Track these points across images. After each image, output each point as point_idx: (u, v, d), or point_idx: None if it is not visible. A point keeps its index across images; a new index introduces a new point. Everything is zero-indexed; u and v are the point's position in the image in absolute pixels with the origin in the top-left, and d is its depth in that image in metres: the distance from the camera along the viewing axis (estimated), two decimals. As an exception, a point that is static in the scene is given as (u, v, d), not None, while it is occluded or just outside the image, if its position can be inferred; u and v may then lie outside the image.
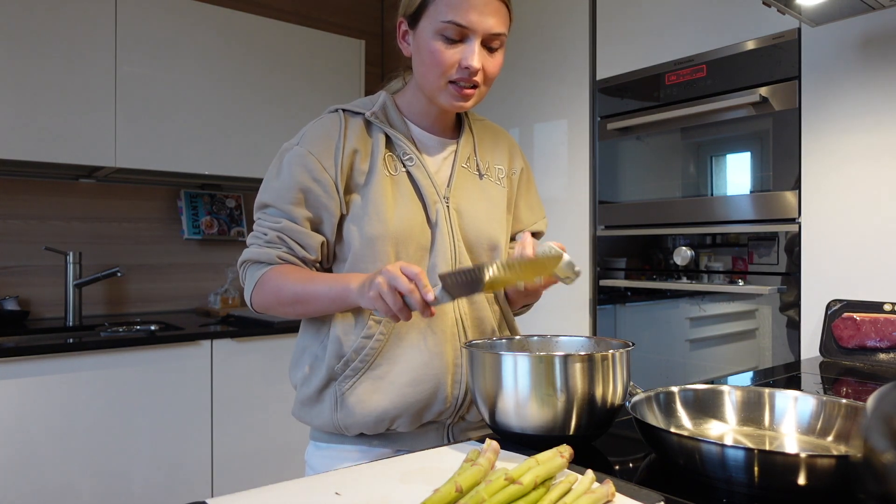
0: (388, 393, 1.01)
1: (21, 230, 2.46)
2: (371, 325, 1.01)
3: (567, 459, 0.69)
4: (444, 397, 1.03)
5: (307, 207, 1.03)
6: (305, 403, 1.08)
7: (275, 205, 1.03)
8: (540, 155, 2.41)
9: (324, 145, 1.02)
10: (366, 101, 1.09)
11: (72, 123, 2.22)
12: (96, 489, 2.00)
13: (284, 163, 1.04)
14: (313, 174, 1.01)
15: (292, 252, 1.03)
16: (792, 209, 1.69)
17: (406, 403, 1.01)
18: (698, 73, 1.90)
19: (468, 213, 1.08)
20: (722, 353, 1.86)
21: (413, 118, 1.09)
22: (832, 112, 1.61)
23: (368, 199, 1.02)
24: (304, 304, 1.00)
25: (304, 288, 1.00)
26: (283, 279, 1.01)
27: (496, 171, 1.16)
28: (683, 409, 0.88)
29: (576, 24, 2.27)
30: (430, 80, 1.00)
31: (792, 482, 0.63)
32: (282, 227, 1.03)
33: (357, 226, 1.02)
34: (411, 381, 1.01)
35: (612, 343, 0.93)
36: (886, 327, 1.45)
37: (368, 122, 1.07)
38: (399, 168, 1.05)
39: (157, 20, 2.39)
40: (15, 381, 1.89)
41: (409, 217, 1.03)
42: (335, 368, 1.03)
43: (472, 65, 0.96)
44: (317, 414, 1.05)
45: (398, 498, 0.66)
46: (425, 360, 1.02)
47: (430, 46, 0.98)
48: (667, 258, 1.99)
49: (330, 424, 1.04)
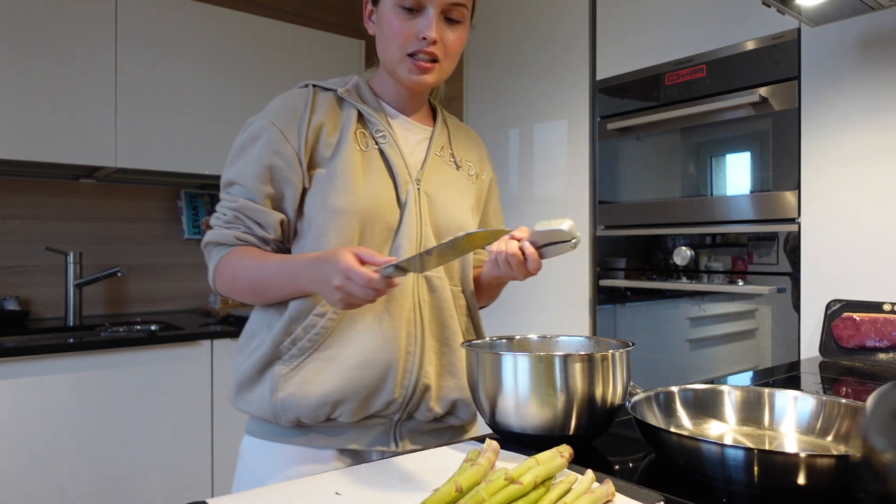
0: (333, 375, 0.96)
1: (21, 230, 2.47)
2: (325, 303, 0.96)
3: (567, 459, 0.69)
4: (392, 386, 0.98)
5: (271, 183, 0.99)
6: (243, 386, 1.01)
7: (238, 181, 1.00)
8: (540, 155, 2.41)
9: (288, 116, 0.99)
10: (337, 80, 1.07)
11: (72, 123, 2.22)
12: (96, 489, 2.00)
13: (247, 136, 1.01)
14: (275, 146, 0.98)
15: (250, 231, 1.00)
16: (792, 209, 1.69)
17: (352, 388, 0.96)
18: (698, 73, 1.90)
19: (439, 199, 1.05)
20: (722, 353, 1.86)
21: (385, 99, 1.07)
22: (832, 112, 1.61)
23: (335, 170, 0.98)
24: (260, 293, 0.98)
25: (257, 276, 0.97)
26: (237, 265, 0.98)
27: (468, 166, 1.14)
28: (683, 409, 0.88)
29: (576, 24, 2.27)
30: (390, 53, 0.99)
31: (792, 482, 0.63)
32: (239, 206, 0.99)
33: (321, 199, 0.98)
34: (360, 364, 0.96)
35: (611, 343, 0.93)
36: (886, 327, 1.45)
37: (340, 99, 1.03)
38: (371, 144, 1.02)
39: (157, 20, 2.39)
40: (15, 381, 1.89)
41: (377, 194, 0.99)
42: (281, 346, 0.98)
43: (428, 35, 0.95)
44: (253, 398, 1.00)
45: (398, 498, 0.66)
46: (378, 344, 0.97)
47: (388, 20, 0.97)
48: (667, 258, 1.99)
49: (266, 409, 0.97)
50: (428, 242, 1.02)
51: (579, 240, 0.93)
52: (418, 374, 1.00)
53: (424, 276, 1.02)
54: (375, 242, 0.99)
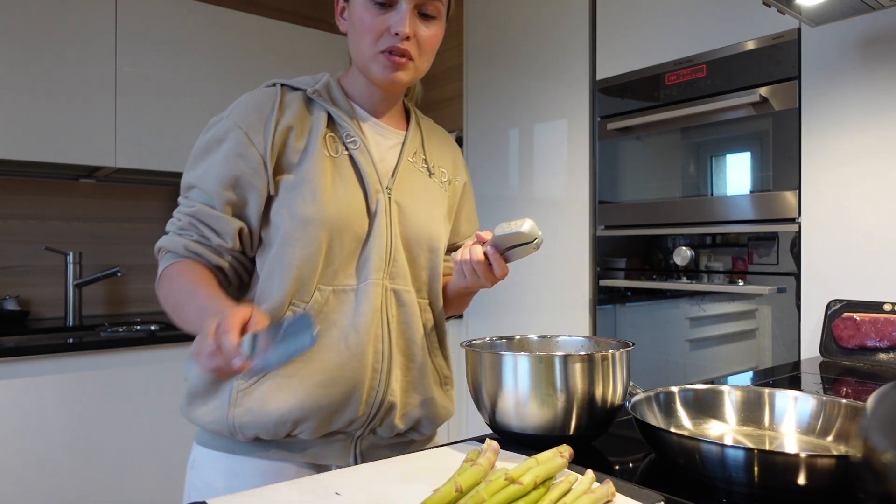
0: (295, 392, 0.90)
1: (21, 230, 2.46)
2: (289, 316, 0.91)
3: (567, 459, 0.69)
4: (357, 405, 0.93)
5: (233, 189, 0.92)
6: (196, 397, 0.95)
7: (198, 185, 0.94)
8: (540, 155, 2.41)
9: (254, 118, 0.93)
10: (306, 78, 1.01)
11: (72, 123, 2.22)
12: (96, 489, 2.00)
13: (211, 138, 0.95)
14: (240, 150, 0.92)
15: (205, 240, 0.93)
16: (792, 209, 1.69)
17: (315, 406, 0.91)
18: (698, 73, 1.90)
19: (410, 209, 1.00)
20: (722, 353, 1.86)
21: (357, 100, 1.01)
22: (832, 112, 1.61)
23: (303, 177, 0.93)
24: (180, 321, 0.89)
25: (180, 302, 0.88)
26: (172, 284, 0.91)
27: (440, 173, 1.09)
28: (683, 409, 0.88)
29: (576, 24, 2.27)
30: (362, 50, 0.94)
31: (792, 482, 0.63)
32: (195, 212, 0.93)
33: (288, 207, 0.92)
34: (324, 382, 0.91)
35: (611, 343, 0.93)
36: (886, 327, 1.45)
37: (309, 100, 0.98)
38: (341, 150, 0.97)
39: (157, 20, 2.39)
40: (15, 381, 1.89)
41: (347, 203, 0.94)
42: None
43: (401, 30, 0.90)
44: (207, 411, 0.93)
45: (398, 498, 0.66)
46: (343, 361, 0.92)
47: (360, 15, 0.92)
48: (667, 258, 1.99)
49: (222, 423, 0.91)
50: (397, 253, 0.97)
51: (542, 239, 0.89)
52: (384, 391, 0.96)
53: (393, 290, 0.97)
54: (344, 253, 0.94)
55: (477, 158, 2.70)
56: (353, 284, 0.95)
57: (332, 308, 0.94)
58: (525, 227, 0.87)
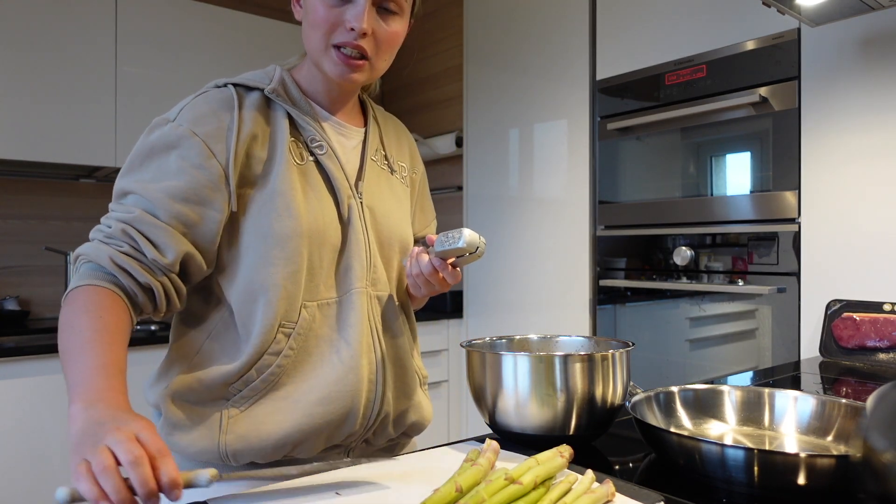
0: (291, 413, 0.85)
1: (21, 230, 2.47)
2: (280, 339, 0.86)
3: (567, 459, 0.69)
4: (355, 419, 0.89)
5: (186, 202, 0.82)
6: (179, 426, 0.86)
7: (138, 192, 0.81)
8: (540, 155, 2.41)
9: (213, 126, 0.84)
10: (257, 74, 0.93)
11: (72, 123, 2.22)
12: (96, 489, 2.00)
13: (158, 142, 0.84)
14: (197, 160, 0.82)
15: (137, 253, 0.80)
16: (792, 209, 1.69)
17: (313, 426, 0.86)
18: (698, 73, 1.90)
19: (380, 211, 0.96)
20: (722, 353, 1.86)
21: (313, 96, 0.94)
22: (832, 112, 1.61)
23: (275, 191, 0.85)
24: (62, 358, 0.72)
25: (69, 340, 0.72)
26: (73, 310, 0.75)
27: (401, 168, 1.05)
28: (683, 409, 0.88)
29: (576, 24, 2.27)
30: (314, 42, 0.87)
31: (792, 482, 0.63)
32: (132, 219, 0.80)
33: (260, 224, 0.85)
34: (321, 400, 0.86)
35: (612, 343, 0.93)
36: (886, 327, 1.45)
37: (267, 100, 0.90)
38: (306, 156, 0.90)
39: (157, 20, 2.39)
40: (15, 381, 1.89)
41: (321, 213, 0.89)
42: (230, 387, 0.85)
43: (356, 25, 0.83)
44: (193, 440, 0.85)
45: (398, 498, 0.66)
46: (339, 376, 0.88)
47: (314, 6, 0.85)
48: (667, 258, 2.00)
49: (212, 452, 0.84)
50: (375, 258, 0.94)
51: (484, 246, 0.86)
52: (381, 402, 0.93)
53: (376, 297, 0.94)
54: (324, 266, 0.89)
55: (477, 158, 2.70)
56: (335, 296, 0.91)
57: (318, 324, 0.89)
58: (461, 243, 0.84)
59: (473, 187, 2.72)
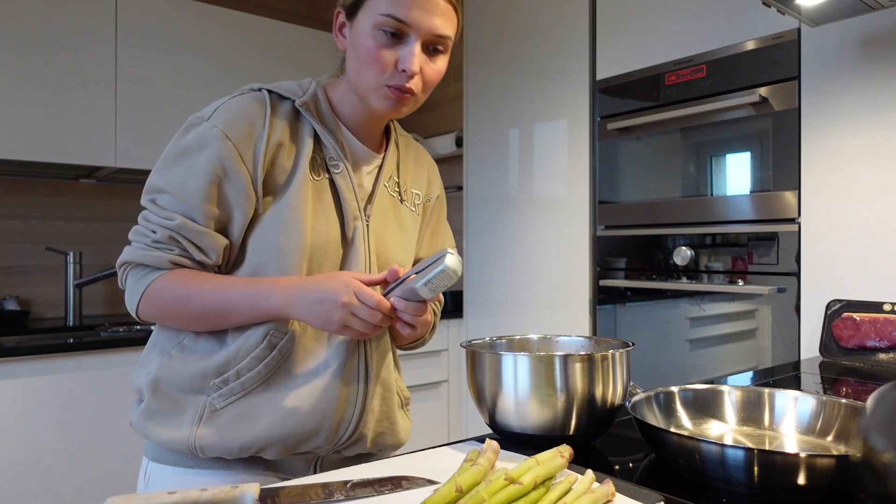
0: (264, 419, 0.87)
1: (21, 230, 2.47)
2: (265, 347, 0.88)
3: (567, 459, 0.69)
4: (325, 435, 0.90)
5: (217, 204, 0.86)
6: (156, 413, 0.89)
7: (173, 193, 0.86)
8: (540, 155, 2.41)
9: (245, 131, 0.86)
10: (292, 85, 0.94)
11: (72, 123, 2.22)
12: (96, 489, 2.00)
13: (191, 142, 0.86)
14: (228, 164, 0.85)
15: (188, 255, 0.87)
16: (792, 209, 1.69)
17: (282, 435, 0.87)
18: (698, 73, 1.90)
19: (384, 236, 0.98)
20: (722, 353, 1.86)
21: (343, 118, 0.96)
22: (832, 112, 1.61)
23: (288, 204, 0.88)
24: (215, 318, 0.85)
25: (212, 298, 0.84)
26: (185, 288, 0.85)
27: (413, 196, 1.05)
28: (683, 409, 0.88)
29: (576, 24, 2.27)
30: (364, 79, 0.88)
31: (792, 482, 0.63)
32: (176, 226, 0.85)
33: (266, 234, 0.88)
34: (293, 412, 0.88)
35: (612, 343, 0.93)
36: (886, 327, 1.45)
37: (296, 112, 0.92)
38: (323, 173, 0.92)
39: (157, 20, 2.39)
40: (15, 381, 1.89)
41: (326, 231, 0.91)
42: (210, 383, 0.88)
43: (409, 68, 0.86)
44: (167, 429, 0.88)
45: (399, 498, 0.66)
46: (315, 392, 0.89)
47: (365, 43, 0.86)
48: (667, 258, 1.99)
49: (182, 442, 0.87)
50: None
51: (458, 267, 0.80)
52: (358, 423, 0.94)
53: None
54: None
55: (477, 158, 2.70)
56: None
57: (308, 337, 0.91)
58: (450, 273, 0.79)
59: (473, 187, 2.72)
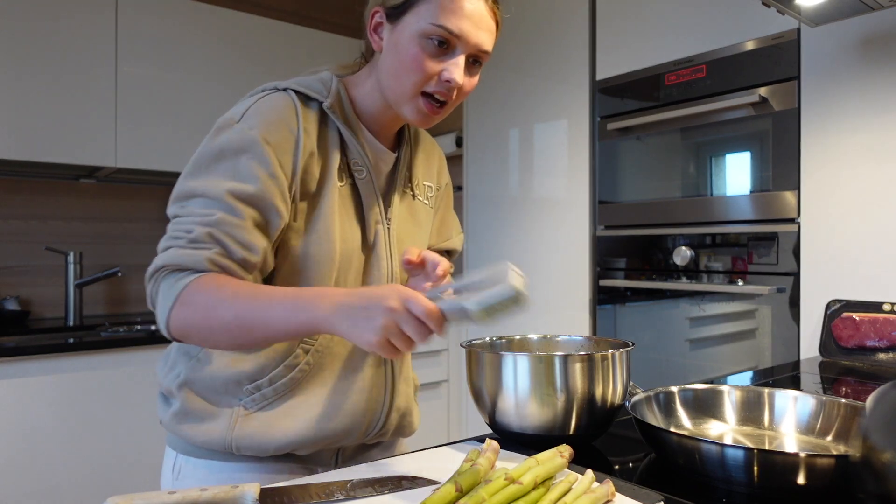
0: (299, 422, 0.88)
1: (21, 230, 2.46)
2: (299, 354, 0.88)
3: (567, 459, 0.69)
4: (357, 433, 0.93)
5: (257, 208, 0.82)
6: (189, 414, 0.89)
7: (209, 194, 0.80)
8: (540, 155, 2.41)
9: (282, 136, 0.84)
10: (313, 82, 0.91)
11: (72, 124, 2.22)
12: (96, 489, 2.00)
13: (227, 146, 0.82)
14: (267, 168, 0.82)
15: (228, 254, 0.79)
16: (792, 209, 1.69)
17: (315, 437, 0.89)
18: (698, 73, 1.90)
19: (403, 236, 0.97)
20: (722, 353, 1.86)
21: (363, 117, 0.93)
22: (832, 112, 1.61)
23: (321, 213, 0.87)
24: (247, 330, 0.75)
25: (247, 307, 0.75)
26: (215, 294, 0.76)
27: (425, 188, 1.04)
28: (683, 408, 0.88)
29: (576, 24, 2.27)
30: (401, 85, 0.86)
31: (791, 482, 0.63)
32: (215, 221, 0.79)
33: (300, 242, 0.87)
34: (326, 415, 0.89)
35: (611, 343, 0.93)
36: (886, 327, 1.45)
37: (323, 113, 0.90)
38: (345, 178, 0.91)
39: (157, 21, 2.39)
40: (15, 381, 1.89)
41: (351, 238, 0.90)
42: (242, 388, 0.88)
43: (454, 78, 0.84)
44: (202, 431, 0.88)
45: (399, 498, 0.66)
46: (347, 395, 0.91)
47: (411, 49, 0.84)
48: (667, 258, 1.99)
49: (219, 443, 0.87)
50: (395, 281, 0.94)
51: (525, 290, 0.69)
52: (385, 420, 0.96)
53: None
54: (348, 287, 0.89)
55: (477, 158, 2.70)
56: None
57: (336, 343, 0.92)
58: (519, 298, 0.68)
59: (473, 187, 2.72)
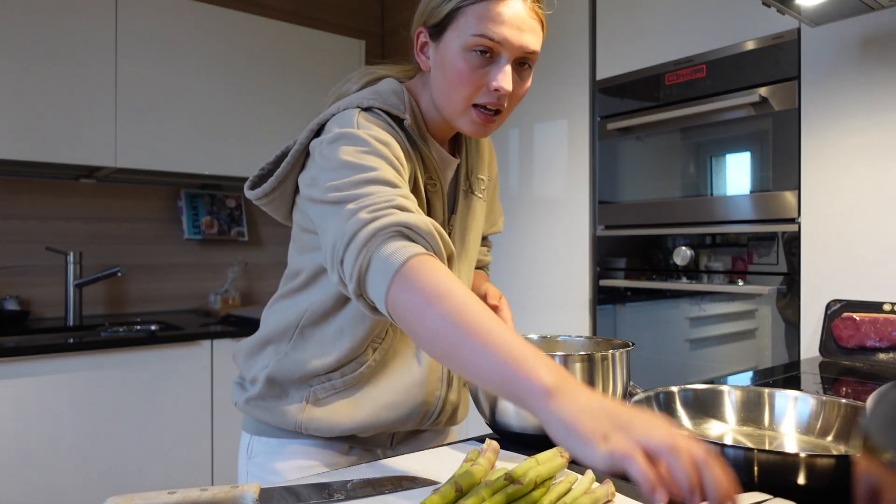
0: (363, 410, 0.94)
1: (21, 230, 2.47)
2: (368, 352, 0.94)
3: (567, 459, 0.69)
4: (415, 420, 0.98)
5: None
6: (265, 399, 0.96)
7: (377, 181, 0.80)
8: (540, 155, 2.41)
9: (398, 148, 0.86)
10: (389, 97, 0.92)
11: (72, 123, 2.22)
12: (96, 489, 2.00)
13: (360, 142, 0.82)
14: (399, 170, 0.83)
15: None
16: (792, 209, 1.69)
17: (379, 423, 0.95)
18: (698, 73, 1.90)
19: (464, 237, 1.00)
20: (722, 353, 1.86)
21: (430, 127, 0.96)
22: (832, 112, 1.61)
23: None
24: (451, 355, 0.64)
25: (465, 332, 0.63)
26: (444, 286, 0.67)
27: (479, 182, 1.06)
28: (683, 409, 0.88)
29: (576, 24, 2.27)
30: (453, 100, 0.88)
31: (792, 482, 0.63)
32: (401, 193, 0.77)
33: None
34: (389, 405, 0.95)
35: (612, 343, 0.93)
36: (886, 327, 1.45)
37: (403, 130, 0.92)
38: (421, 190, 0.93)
39: (157, 21, 2.39)
40: (15, 381, 1.89)
41: None
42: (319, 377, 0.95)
43: (502, 87, 0.84)
44: (277, 412, 0.95)
45: (399, 498, 0.66)
46: (407, 387, 0.96)
47: (455, 64, 0.85)
48: (667, 258, 1.99)
49: (288, 425, 0.94)
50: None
51: None
52: (442, 408, 1.00)
53: None
54: None
55: (477, 158, 2.70)
56: None
57: (399, 340, 0.97)
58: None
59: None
